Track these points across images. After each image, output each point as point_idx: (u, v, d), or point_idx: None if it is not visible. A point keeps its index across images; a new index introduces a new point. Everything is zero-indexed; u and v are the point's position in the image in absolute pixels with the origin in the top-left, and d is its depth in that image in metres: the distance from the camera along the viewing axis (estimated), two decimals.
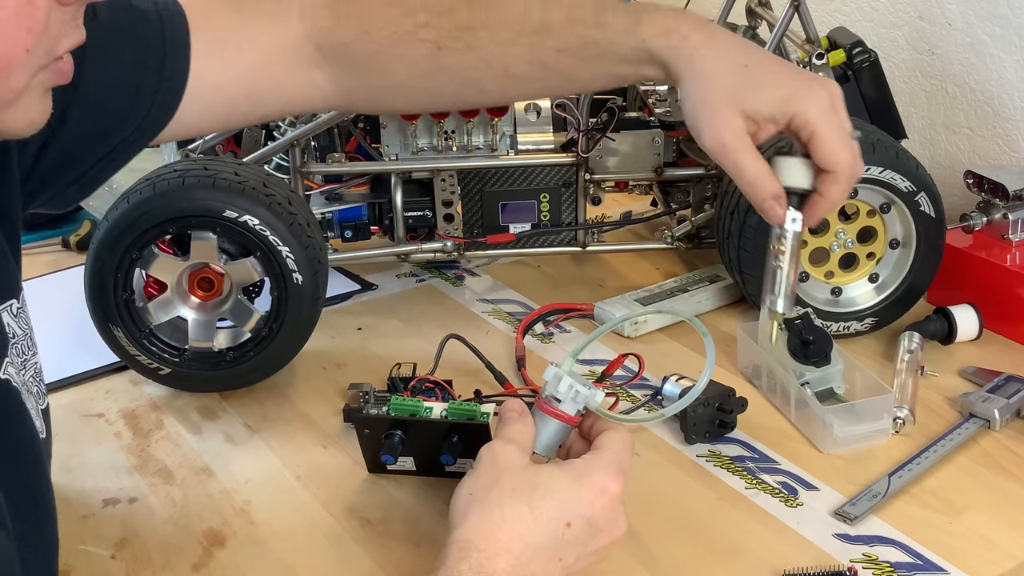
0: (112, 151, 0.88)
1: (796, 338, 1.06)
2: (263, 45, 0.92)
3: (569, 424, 0.83)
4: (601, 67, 0.91)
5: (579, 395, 0.82)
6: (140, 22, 0.88)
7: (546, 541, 0.74)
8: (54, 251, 1.47)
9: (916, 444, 1.00)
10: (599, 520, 0.76)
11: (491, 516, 0.74)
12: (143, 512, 0.94)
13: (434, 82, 0.94)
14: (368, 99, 0.98)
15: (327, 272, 1.13)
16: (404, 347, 1.19)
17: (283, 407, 1.10)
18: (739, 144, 0.85)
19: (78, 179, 0.88)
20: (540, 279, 1.36)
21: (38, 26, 0.63)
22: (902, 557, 0.86)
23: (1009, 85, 1.36)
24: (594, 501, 0.76)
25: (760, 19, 1.39)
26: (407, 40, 0.92)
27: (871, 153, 1.11)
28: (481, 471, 0.77)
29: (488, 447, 0.79)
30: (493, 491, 0.75)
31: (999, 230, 1.21)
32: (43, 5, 0.63)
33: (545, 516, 0.74)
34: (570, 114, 1.24)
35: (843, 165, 0.86)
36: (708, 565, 0.86)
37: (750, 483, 0.96)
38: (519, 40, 0.91)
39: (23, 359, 0.75)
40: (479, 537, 0.73)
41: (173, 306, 1.10)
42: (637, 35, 0.88)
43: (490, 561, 0.72)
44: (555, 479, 0.76)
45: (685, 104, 0.88)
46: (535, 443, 0.82)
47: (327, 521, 0.93)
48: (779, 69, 0.88)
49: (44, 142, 0.82)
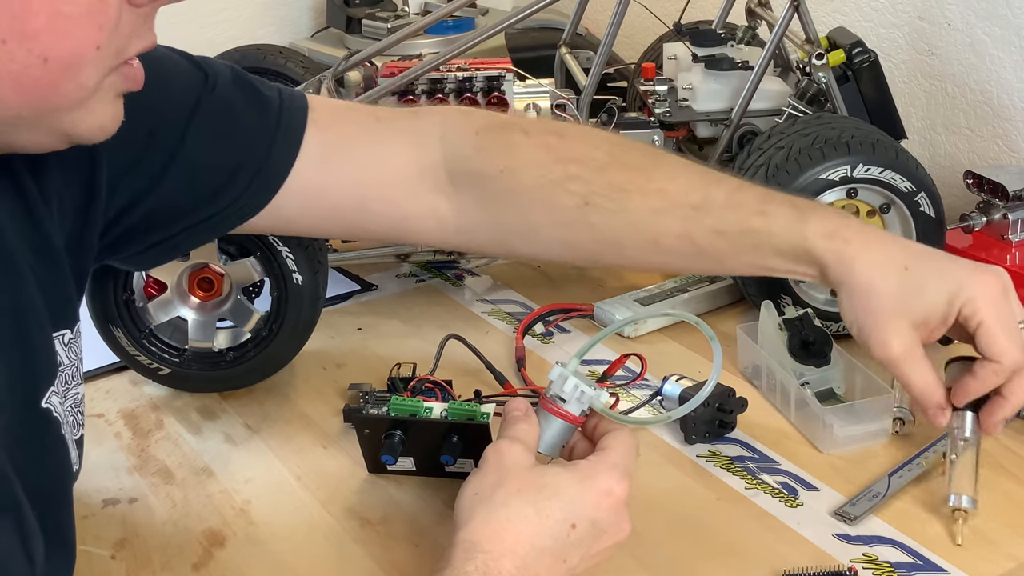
0: (200, 223, 0.87)
1: (796, 338, 1.06)
2: (389, 160, 0.90)
3: (573, 424, 0.83)
4: (755, 257, 0.89)
5: (584, 395, 0.82)
6: (258, 105, 0.87)
7: (551, 543, 0.74)
8: None
9: (916, 444, 0.99)
10: (603, 522, 0.76)
11: (496, 517, 0.74)
12: (143, 512, 0.94)
13: (573, 236, 0.91)
14: (492, 239, 0.95)
15: (327, 272, 1.13)
16: (404, 347, 1.19)
17: (283, 407, 1.10)
18: (907, 357, 0.84)
19: (161, 243, 0.88)
20: (540, 279, 1.36)
21: (109, 24, 0.63)
22: (902, 557, 0.86)
23: (1008, 85, 1.36)
24: (599, 503, 0.76)
25: (760, 19, 1.39)
26: (554, 188, 0.89)
27: (871, 153, 1.11)
28: (487, 470, 0.77)
29: (494, 446, 0.79)
30: (499, 491, 0.75)
31: (999, 230, 1.21)
32: (115, 3, 0.63)
33: (551, 518, 0.74)
34: (570, 114, 1.24)
35: (1008, 357, 0.84)
36: (708, 565, 0.86)
37: (750, 483, 0.96)
38: (674, 211, 0.88)
39: (66, 388, 0.75)
40: (484, 538, 0.73)
41: (173, 306, 1.10)
42: (800, 232, 0.86)
43: (495, 562, 0.72)
44: (561, 481, 0.76)
45: (847, 313, 0.86)
46: (541, 444, 0.82)
47: (327, 521, 0.93)
48: (942, 264, 0.86)
49: (136, 198, 0.82)
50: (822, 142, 1.12)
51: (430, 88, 1.21)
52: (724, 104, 1.27)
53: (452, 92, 1.21)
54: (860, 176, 1.11)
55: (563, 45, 1.47)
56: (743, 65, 1.27)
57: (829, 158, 1.11)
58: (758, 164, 1.14)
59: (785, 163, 1.12)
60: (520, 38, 1.72)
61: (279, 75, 1.53)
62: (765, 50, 1.23)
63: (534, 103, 1.27)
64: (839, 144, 1.11)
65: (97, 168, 0.78)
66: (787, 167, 1.12)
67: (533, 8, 1.21)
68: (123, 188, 0.81)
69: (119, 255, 0.87)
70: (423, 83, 1.21)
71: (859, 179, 1.12)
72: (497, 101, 1.21)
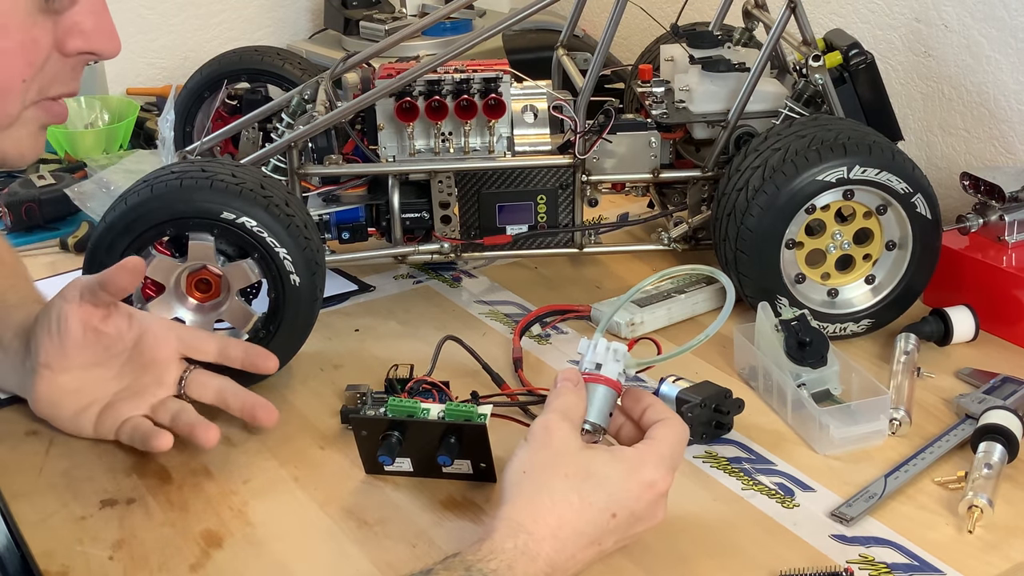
0: None
1: (793, 339, 1.06)
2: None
3: (615, 390, 0.86)
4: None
5: (619, 352, 0.86)
6: None
7: (591, 529, 0.78)
8: (52, 253, 1.47)
9: (912, 445, 1.00)
10: (642, 512, 0.80)
11: (542, 499, 0.78)
12: (141, 513, 0.94)
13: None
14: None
15: (324, 273, 1.13)
16: (401, 348, 1.19)
17: (280, 408, 1.09)
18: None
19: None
20: (537, 281, 1.36)
21: (37, 62, 0.70)
22: (898, 558, 0.86)
23: (1005, 87, 1.37)
24: (642, 495, 0.79)
25: (757, 21, 1.39)
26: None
27: (868, 155, 1.11)
28: (535, 447, 0.80)
29: (543, 423, 0.82)
30: (546, 473, 0.79)
31: (995, 232, 1.21)
32: (46, 47, 0.70)
33: (594, 506, 0.78)
34: (567, 116, 1.24)
35: None
36: (704, 566, 0.87)
37: (746, 484, 0.96)
38: None
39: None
40: (529, 519, 0.77)
41: (171, 307, 1.10)
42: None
43: (536, 544, 0.75)
44: (608, 470, 0.79)
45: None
46: (589, 413, 0.85)
47: (324, 522, 0.93)
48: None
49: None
50: (819, 144, 1.12)
51: (427, 90, 1.21)
52: (721, 106, 1.28)
53: (449, 94, 1.21)
54: (857, 177, 1.12)
55: (560, 47, 1.47)
56: (740, 67, 1.27)
57: (826, 160, 1.11)
58: (755, 166, 1.14)
59: (782, 164, 1.12)
60: (517, 40, 1.73)
61: (277, 77, 1.53)
62: (762, 52, 1.23)
63: (531, 105, 1.27)
64: (836, 146, 1.12)
65: None
66: (784, 168, 1.12)
67: (530, 10, 1.21)
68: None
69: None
70: (420, 85, 1.21)
71: (856, 180, 1.12)
72: (494, 103, 1.21)
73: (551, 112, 1.26)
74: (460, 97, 1.21)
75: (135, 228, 1.05)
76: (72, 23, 0.72)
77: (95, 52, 0.74)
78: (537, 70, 1.36)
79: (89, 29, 0.73)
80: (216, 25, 2.10)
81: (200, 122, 1.53)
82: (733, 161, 1.19)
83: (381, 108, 1.23)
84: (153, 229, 1.06)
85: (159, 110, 1.80)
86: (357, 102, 1.21)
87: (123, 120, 1.78)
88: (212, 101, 1.51)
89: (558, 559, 0.76)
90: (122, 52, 0.84)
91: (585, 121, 1.23)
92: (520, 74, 1.29)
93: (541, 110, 1.27)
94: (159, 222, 1.05)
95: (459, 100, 1.21)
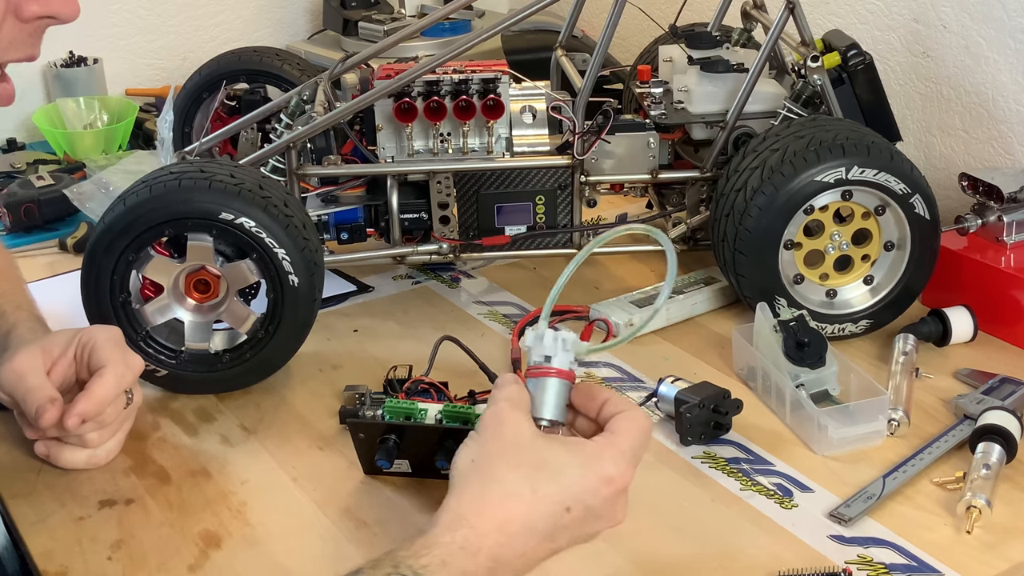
0: None
1: (791, 340, 1.06)
2: None
3: (568, 380, 0.80)
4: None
5: (567, 342, 0.80)
6: None
7: (543, 524, 0.73)
8: (51, 253, 1.47)
9: (911, 446, 1.00)
10: (600, 508, 0.75)
11: (491, 491, 0.73)
12: (140, 513, 0.94)
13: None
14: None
15: (323, 274, 1.13)
16: (400, 349, 1.19)
17: (279, 409, 1.10)
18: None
19: None
20: (536, 281, 1.36)
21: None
22: (897, 558, 0.86)
23: (1004, 88, 1.37)
24: (599, 490, 0.74)
25: (755, 22, 1.39)
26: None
27: (866, 155, 1.12)
28: (486, 437, 0.76)
29: (493, 413, 0.77)
30: (496, 463, 0.74)
31: (994, 232, 1.22)
32: (0, 11, 0.67)
33: (547, 499, 0.73)
34: (565, 116, 1.24)
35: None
36: (703, 567, 0.87)
37: (745, 484, 0.96)
38: None
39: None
40: (473, 512, 0.72)
41: (169, 308, 1.10)
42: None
43: (479, 538, 0.71)
44: (563, 461, 0.75)
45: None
46: (543, 410, 0.79)
47: (323, 522, 0.93)
48: None
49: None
50: (817, 144, 1.12)
51: (426, 90, 1.21)
52: (720, 106, 1.28)
53: (448, 94, 1.21)
54: (855, 178, 1.12)
55: (559, 47, 1.47)
56: (738, 67, 1.27)
57: (824, 160, 1.11)
58: (753, 166, 1.14)
59: (780, 165, 1.12)
60: (516, 40, 1.73)
61: (276, 77, 1.53)
62: (760, 52, 1.23)
63: (530, 105, 1.27)
64: (834, 146, 1.12)
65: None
66: (782, 169, 1.12)
67: (529, 10, 1.21)
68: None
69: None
70: (419, 85, 1.21)
71: (854, 181, 1.12)
72: (493, 103, 1.21)
73: (550, 113, 1.26)
74: (459, 98, 1.21)
75: (134, 229, 1.05)
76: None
77: (54, 15, 0.72)
78: (536, 71, 1.36)
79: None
80: (215, 26, 2.10)
81: (199, 123, 1.53)
82: (732, 162, 1.19)
83: (380, 109, 1.23)
84: (152, 230, 1.06)
85: (158, 111, 1.81)
86: (356, 103, 1.21)
87: (122, 121, 1.78)
88: (211, 102, 1.51)
89: (504, 554, 0.72)
90: (121, 53, 0.83)
91: (584, 122, 1.23)
92: (519, 75, 1.29)
93: (540, 111, 1.27)
94: (158, 223, 1.05)
95: (458, 101, 1.21)
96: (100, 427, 0.99)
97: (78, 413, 0.94)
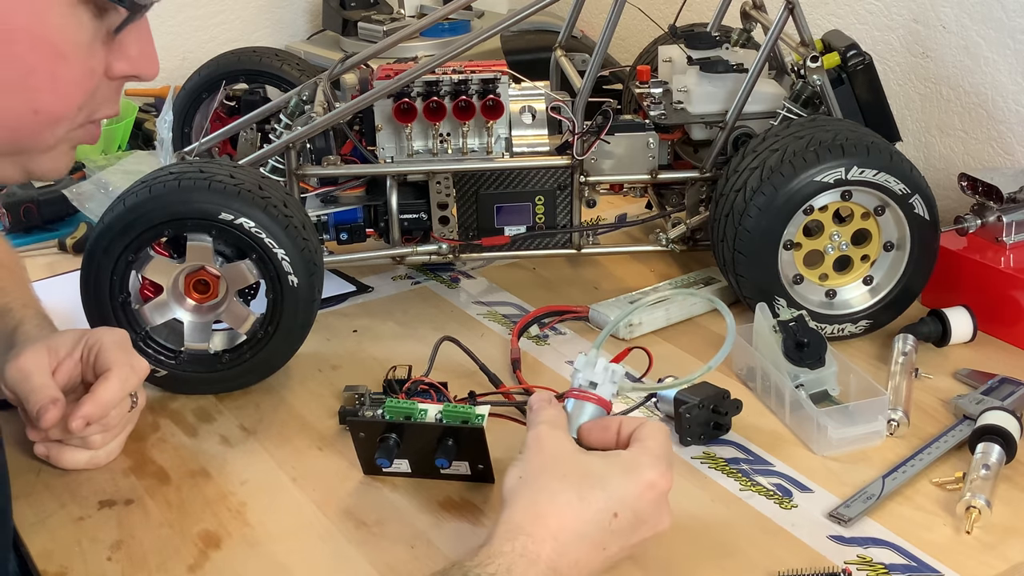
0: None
1: (791, 340, 1.06)
2: None
3: (605, 408, 0.86)
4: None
5: (615, 374, 0.85)
6: None
7: (592, 530, 0.77)
8: (50, 254, 1.47)
9: (910, 446, 1.00)
10: (645, 513, 0.79)
11: (540, 500, 0.77)
12: (139, 514, 0.94)
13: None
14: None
15: (322, 274, 1.13)
16: (399, 349, 1.19)
17: (279, 409, 1.10)
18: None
19: None
20: (535, 281, 1.36)
21: (91, 89, 0.73)
22: (896, 559, 0.86)
23: (1003, 88, 1.37)
24: (643, 495, 0.79)
25: (755, 22, 1.39)
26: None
27: (866, 156, 1.12)
28: (530, 456, 0.80)
29: (534, 433, 0.82)
30: (543, 476, 0.78)
31: (993, 232, 1.22)
32: (99, 72, 0.73)
33: (594, 506, 0.77)
34: (565, 117, 1.24)
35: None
36: (702, 567, 0.87)
37: (744, 485, 0.96)
38: None
39: None
40: (527, 521, 0.76)
41: (169, 308, 1.10)
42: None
43: (536, 545, 0.75)
44: (606, 470, 0.79)
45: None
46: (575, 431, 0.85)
47: (322, 523, 0.93)
48: None
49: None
50: (816, 144, 1.12)
51: (426, 91, 1.21)
52: (719, 107, 1.28)
53: (447, 95, 1.21)
54: (855, 178, 1.12)
55: (558, 48, 1.47)
56: (738, 68, 1.27)
57: (824, 160, 1.11)
58: (752, 167, 1.14)
59: (780, 165, 1.12)
60: (516, 41, 1.72)
61: (275, 77, 1.53)
62: (760, 53, 1.23)
63: (529, 106, 1.27)
64: (833, 146, 1.12)
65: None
66: (782, 169, 1.12)
67: (529, 11, 1.21)
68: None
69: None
70: (419, 86, 1.21)
71: (853, 181, 1.12)
72: (492, 104, 1.21)
73: (549, 113, 1.26)
74: (458, 98, 1.21)
75: (133, 229, 1.05)
76: (120, 48, 0.74)
77: (138, 76, 0.76)
78: (535, 71, 1.36)
79: (135, 55, 0.75)
80: (214, 26, 2.10)
81: (198, 123, 1.53)
82: (731, 162, 1.19)
83: (379, 109, 1.23)
84: (151, 230, 1.06)
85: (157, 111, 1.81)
86: (355, 103, 1.21)
87: (121, 121, 1.78)
88: (210, 102, 1.52)
89: (560, 563, 0.75)
90: None
91: (583, 122, 1.23)
92: (518, 75, 1.29)
93: (539, 111, 1.27)
94: (157, 223, 1.05)
95: (457, 101, 1.21)
96: (104, 430, 0.99)
97: (83, 416, 0.95)
